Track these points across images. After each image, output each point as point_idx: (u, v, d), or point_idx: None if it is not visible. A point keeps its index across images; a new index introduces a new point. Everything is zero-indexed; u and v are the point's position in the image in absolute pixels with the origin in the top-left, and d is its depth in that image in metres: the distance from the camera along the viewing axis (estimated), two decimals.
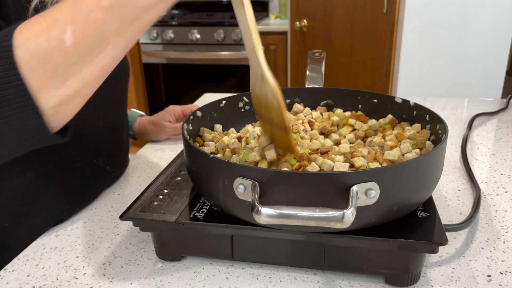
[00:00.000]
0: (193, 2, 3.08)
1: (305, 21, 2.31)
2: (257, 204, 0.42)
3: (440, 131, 0.57)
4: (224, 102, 0.70)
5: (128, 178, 0.81)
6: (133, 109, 0.99)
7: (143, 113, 1.00)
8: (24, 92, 0.37)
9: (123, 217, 0.53)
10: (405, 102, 0.67)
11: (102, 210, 0.70)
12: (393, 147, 0.57)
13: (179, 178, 0.62)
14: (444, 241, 0.46)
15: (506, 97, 1.19)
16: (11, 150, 0.41)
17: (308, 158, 0.53)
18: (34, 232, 0.63)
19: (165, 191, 0.58)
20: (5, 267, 0.56)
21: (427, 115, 0.62)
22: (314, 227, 0.43)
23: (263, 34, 2.61)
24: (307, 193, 0.44)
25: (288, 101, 0.75)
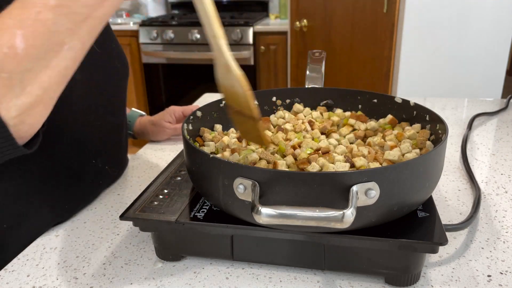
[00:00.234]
0: None
1: (305, 21, 2.31)
2: (257, 204, 0.42)
3: (440, 131, 0.57)
4: (224, 102, 0.70)
5: (128, 178, 0.81)
6: (133, 109, 0.99)
7: (143, 113, 1.00)
8: None
9: (123, 217, 0.53)
10: (405, 102, 0.67)
11: (102, 210, 0.70)
12: (393, 147, 0.57)
13: (179, 178, 0.62)
14: (444, 241, 0.46)
15: (506, 97, 1.19)
16: None
17: (308, 160, 0.53)
18: (34, 232, 0.63)
19: (165, 191, 0.58)
20: (5, 267, 0.56)
21: (427, 115, 0.62)
22: (314, 227, 0.43)
23: (263, 34, 2.61)
24: (307, 193, 0.44)
25: (288, 101, 0.75)
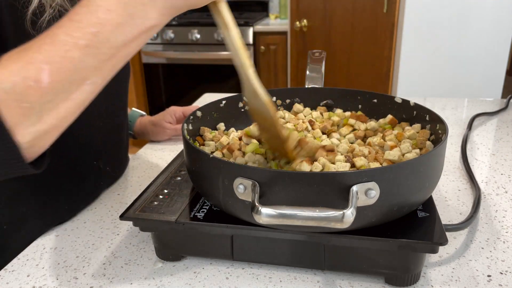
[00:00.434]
0: None
1: (305, 21, 2.31)
2: (257, 204, 0.42)
3: (440, 131, 0.57)
4: (224, 102, 0.70)
5: (128, 178, 0.81)
6: (134, 109, 0.99)
7: (144, 113, 1.00)
8: (1, 127, 0.37)
9: (123, 217, 0.53)
10: (405, 102, 0.67)
11: (102, 210, 0.70)
12: (393, 147, 0.57)
13: (179, 178, 0.62)
14: (444, 241, 0.46)
15: (506, 97, 1.19)
16: None
17: (313, 159, 0.53)
18: (34, 232, 0.63)
19: (165, 191, 0.58)
20: (5, 267, 0.56)
21: (427, 115, 0.62)
22: (314, 227, 0.43)
23: (263, 34, 2.61)
24: (307, 193, 0.44)
25: (288, 101, 0.75)
